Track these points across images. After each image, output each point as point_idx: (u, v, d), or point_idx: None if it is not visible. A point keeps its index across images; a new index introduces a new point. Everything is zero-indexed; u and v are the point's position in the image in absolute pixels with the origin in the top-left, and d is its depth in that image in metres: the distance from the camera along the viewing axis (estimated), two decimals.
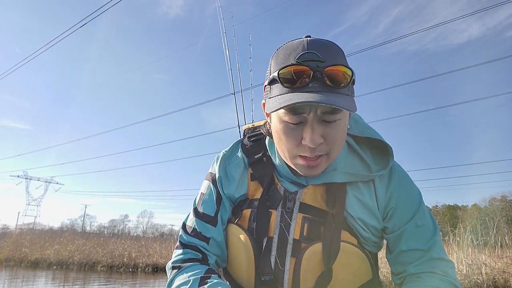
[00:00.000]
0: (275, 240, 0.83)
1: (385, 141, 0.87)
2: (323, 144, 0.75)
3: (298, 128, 0.75)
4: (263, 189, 0.88)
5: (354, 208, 0.84)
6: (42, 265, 14.92)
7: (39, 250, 16.00)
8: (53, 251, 15.58)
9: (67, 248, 15.66)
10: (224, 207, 0.92)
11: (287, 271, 0.81)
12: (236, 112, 2.89)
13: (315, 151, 0.76)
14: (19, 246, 16.54)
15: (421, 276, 0.81)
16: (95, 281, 11.04)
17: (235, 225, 0.89)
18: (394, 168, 0.88)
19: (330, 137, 0.75)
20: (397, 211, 0.85)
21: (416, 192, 0.88)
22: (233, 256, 0.89)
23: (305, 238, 0.82)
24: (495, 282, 6.94)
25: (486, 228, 9.63)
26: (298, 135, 0.75)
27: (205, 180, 0.96)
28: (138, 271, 13.66)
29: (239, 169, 0.93)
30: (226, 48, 3.17)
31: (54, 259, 14.93)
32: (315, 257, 0.80)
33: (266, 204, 0.86)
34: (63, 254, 15.12)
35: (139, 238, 23.28)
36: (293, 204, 0.85)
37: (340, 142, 0.78)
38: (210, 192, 0.93)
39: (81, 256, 14.73)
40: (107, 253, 14.92)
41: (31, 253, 15.71)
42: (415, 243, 0.83)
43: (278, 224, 0.84)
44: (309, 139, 0.73)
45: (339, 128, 0.76)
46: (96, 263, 14.36)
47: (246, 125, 1.03)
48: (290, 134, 0.76)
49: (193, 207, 0.95)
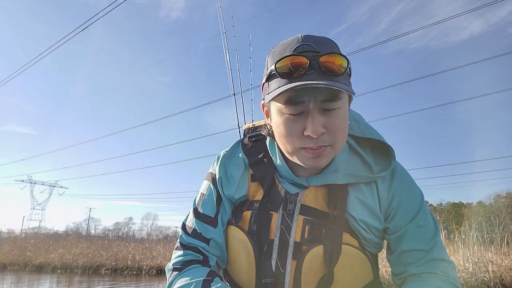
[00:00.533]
0: (276, 243, 0.82)
1: (386, 142, 0.86)
2: (326, 134, 0.75)
3: (299, 119, 0.74)
4: (264, 191, 0.86)
5: (356, 210, 0.83)
6: (46, 269, 14.97)
7: (43, 254, 16.04)
8: (57, 254, 15.62)
9: (71, 252, 15.69)
10: (224, 208, 0.90)
11: (288, 273, 0.80)
12: (236, 113, 2.84)
13: (318, 141, 0.74)
14: (23, 250, 16.58)
15: (422, 276, 0.80)
16: (99, 283, 11.07)
17: (235, 227, 0.88)
18: (396, 169, 0.87)
19: (332, 127, 0.74)
20: (399, 212, 0.84)
21: (418, 192, 0.87)
22: (234, 259, 0.88)
23: (306, 241, 0.81)
24: (502, 280, 6.87)
25: (492, 226, 9.60)
26: (300, 126, 0.74)
27: (205, 180, 0.95)
28: (142, 274, 13.67)
29: (239, 170, 0.91)
30: (226, 49, 3.14)
31: (58, 263, 14.97)
32: (316, 260, 0.79)
33: (267, 206, 0.85)
34: (67, 258, 15.16)
35: (143, 241, 23.33)
36: (294, 206, 0.84)
37: (343, 131, 0.77)
38: (210, 193, 0.92)
39: (85, 260, 14.75)
40: (110, 256, 14.94)
41: (35, 257, 15.76)
42: (416, 243, 0.82)
43: (279, 227, 0.83)
44: (311, 129, 0.72)
45: (340, 117, 0.75)
46: (100, 266, 14.39)
47: (246, 125, 1.03)
48: (291, 126, 0.75)
49: (193, 207, 0.93)
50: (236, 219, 0.89)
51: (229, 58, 3.07)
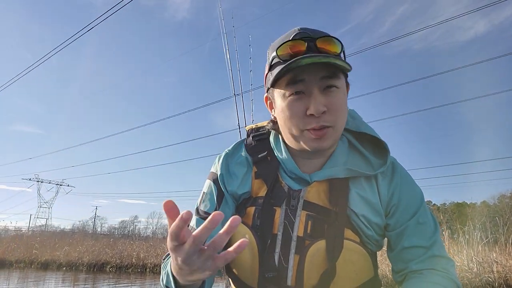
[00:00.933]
0: (279, 237, 0.84)
1: (379, 137, 0.88)
2: (327, 114, 0.78)
3: (301, 100, 0.79)
4: (267, 187, 0.88)
5: (357, 205, 0.84)
6: (52, 266, 15.06)
7: (49, 251, 16.13)
8: (63, 252, 15.70)
9: (76, 249, 15.76)
10: (226, 204, 0.91)
11: (291, 268, 0.82)
12: (236, 112, 2.86)
13: (320, 121, 0.78)
14: (30, 248, 16.70)
15: (423, 272, 0.81)
16: (104, 281, 11.14)
17: None
18: (396, 166, 0.89)
19: (333, 106, 0.78)
20: (400, 208, 0.86)
21: (418, 189, 0.89)
22: None
23: (309, 236, 0.83)
24: (506, 280, 6.84)
25: (496, 226, 9.50)
26: (302, 107, 0.79)
27: (207, 180, 0.96)
28: (147, 271, 13.71)
29: (242, 168, 0.93)
30: (226, 50, 3.19)
31: (64, 260, 15.06)
32: (318, 254, 0.81)
33: (270, 201, 0.86)
34: (72, 255, 15.23)
35: (148, 239, 23.38)
36: (297, 202, 0.85)
37: (342, 112, 0.81)
38: (211, 191, 0.93)
39: (90, 257, 14.82)
40: (115, 253, 14.98)
41: (41, 255, 15.87)
42: (417, 240, 0.83)
43: (282, 222, 0.85)
44: (313, 108, 0.77)
45: (339, 97, 0.80)
46: (105, 264, 14.44)
47: (249, 125, 1.04)
48: (294, 107, 0.79)
49: (195, 207, 0.94)
50: (240, 215, 0.89)
51: (229, 58, 3.14)
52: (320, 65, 0.76)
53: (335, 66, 0.77)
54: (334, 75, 0.78)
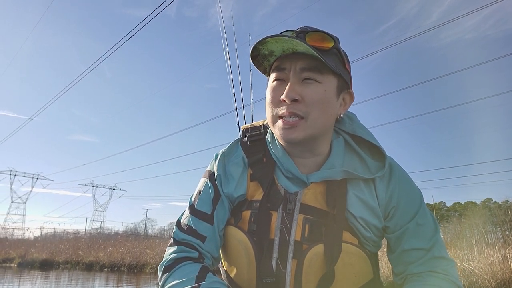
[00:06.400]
0: (276, 242, 0.83)
1: (375, 143, 0.87)
2: (301, 104, 0.79)
3: (280, 86, 0.81)
4: (263, 191, 0.86)
5: (355, 207, 0.83)
6: (95, 267, 15.68)
7: (93, 252, 16.84)
8: (106, 253, 16.30)
9: (119, 250, 16.28)
10: (222, 206, 0.89)
11: (289, 273, 0.81)
12: (236, 112, 2.89)
13: (290, 108, 0.78)
14: (76, 249, 17.57)
15: (423, 275, 0.80)
16: (146, 282, 11.36)
17: (234, 227, 0.87)
18: (393, 167, 0.87)
19: (307, 97, 0.78)
20: (399, 210, 0.84)
21: (417, 191, 0.87)
22: (234, 259, 0.88)
23: (307, 240, 0.81)
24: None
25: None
26: (279, 92, 0.81)
27: (202, 178, 0.95)
28: None
29: (238, 168, 0.91)
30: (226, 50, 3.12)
31: (107, 262, 15.61)
32: (317, 259, 0.80)
33: (266, 205, 0.85)
34: (115, 257, 15.77)
35: None
36: (294, 205, 0.84)
37: (319, 107, 0.79)
38: (207, 190, 0.91)
39: (131, 258, 15.22)
40: (156, 255, 15.27)
41: (85, 256, 16.61)
42: (417, 242, 0.82)
43: (279, 226, 0.83)
44: (285, 93, 0.78)
45: (318, 91, 0.79)
46: (145, 265, 14.75)
47: (244, 125, 1.02)
48: (273, 93, 0.82)
49: (189, 204, 0.92)
50: (236, 219, 0.88)
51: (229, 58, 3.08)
52: (301, 56, 0.79)
53: (321, 61, 0.77)
54: (315, 69, 0.79)
